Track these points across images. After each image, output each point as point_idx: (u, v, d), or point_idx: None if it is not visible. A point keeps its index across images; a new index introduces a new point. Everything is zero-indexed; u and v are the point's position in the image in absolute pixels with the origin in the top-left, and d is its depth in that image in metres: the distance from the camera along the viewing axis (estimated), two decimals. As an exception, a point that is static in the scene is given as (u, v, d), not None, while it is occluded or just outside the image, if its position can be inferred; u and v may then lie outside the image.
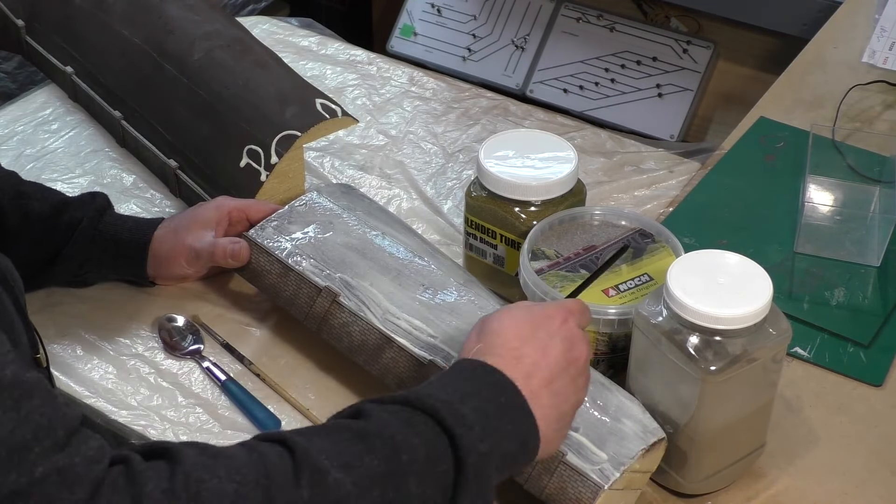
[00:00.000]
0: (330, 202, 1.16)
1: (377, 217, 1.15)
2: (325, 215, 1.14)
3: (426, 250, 1.11)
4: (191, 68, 1.33)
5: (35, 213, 1.14)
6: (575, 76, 2.11)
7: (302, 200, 1.16)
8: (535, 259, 1.07)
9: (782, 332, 0.93)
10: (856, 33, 1.57)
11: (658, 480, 1.00)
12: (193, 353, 1.13)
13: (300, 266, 1.09)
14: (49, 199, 1.15)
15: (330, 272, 1.08)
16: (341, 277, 1.07)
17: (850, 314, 1.15)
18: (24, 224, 1.13)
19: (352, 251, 1.10)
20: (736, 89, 2.00)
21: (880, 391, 1.09)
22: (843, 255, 1.21)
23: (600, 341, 1.03)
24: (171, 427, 1.06)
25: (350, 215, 1.14)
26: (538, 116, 1.47)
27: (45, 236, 1.14)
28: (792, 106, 1.45)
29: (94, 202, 1.16)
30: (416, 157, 1.41)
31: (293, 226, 1.13)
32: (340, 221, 1.13)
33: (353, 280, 1.07)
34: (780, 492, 1.00)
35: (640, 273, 1.06)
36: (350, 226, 1.12)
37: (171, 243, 1.15)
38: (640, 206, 1.31)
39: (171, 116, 1.33)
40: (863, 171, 1.29)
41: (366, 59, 1.60)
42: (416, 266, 1.08)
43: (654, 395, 0.96)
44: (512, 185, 1.12)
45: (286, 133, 1.25)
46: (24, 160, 1.39)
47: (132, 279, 1.19)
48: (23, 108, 1.48)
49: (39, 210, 1.14)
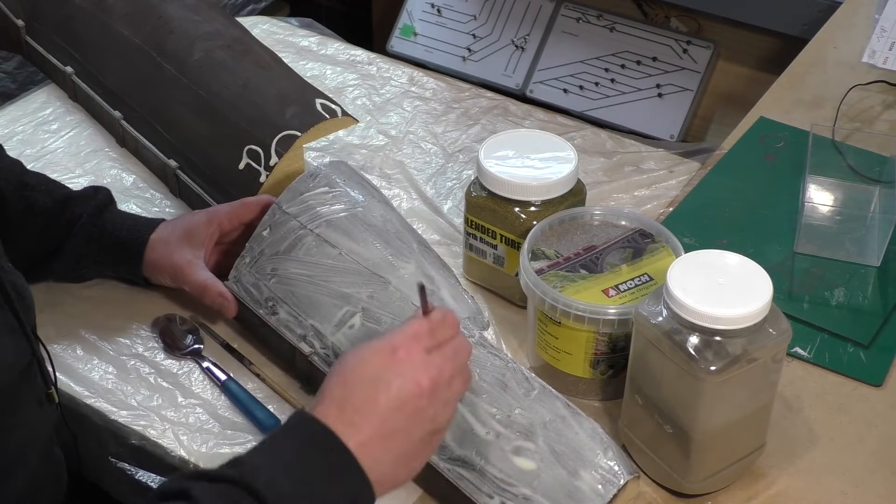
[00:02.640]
0: (290, 216, 1.11)
1: (337, 227, 1.09)
2: (287, 236, 1.10)
3: (385, 261, 1.06)
4: (191, 68, 1.33)
5: (39, 206, 1.14)
6: (575, 76, 2.11)
7: (264, 224, 1.11)
8: (535, 259, 1.07)
9: (782, 332, 0.93)
10: (856, 33, 1.57)
11: (658, 480, 1.00)
12: (193, 353, 1.13)
13: (276, 317, 1.07)
14: (53, 193, 1.16)
15: (302, 319, 1.06)
16: (313, 325, 1.05)
17: (850, 314, 1.15)
18: (28, 216, 1.13)
19: (315, 286, 1.06)
20: (736, 89, 2.00)
21: (880, 391, 1.09)
22: (843, 255, 1.21)
23: (600, 341, 1.03)
24: (171, 427, 1.06)
25: (308, 233, 1.09)
26: (538, 116, 1.47)
27: (48, 230, 1.14)
28: (792, 106, 1.45)
29: (97, 198, 1.17)
30: (416, 157, 1.41)
31: (264, 259, 1.10)
32: (301, 244, 1.08)
33: (321, 327, 1.04)
34: (780, 492, 1.00)
35: (640, 273, 1.06)
36: (309, 247, 1.08)
37: (159, 253, 1.15)
38: (640, 206, 1.31)
39: (171, 116, 1.33)
40: (863, 171, 1.29)
41: (366, 59, 1.60)
42: (378, 296, 1.03)
43: (654, 395, 0.96)
44: (512, 185, 1.12)
45: (286, 133, 1.25)
46: (24, 160, 1.38)
47: (128, 277, 1.19)
48: (23, 108, 1.48)
49: (43, 203, 1.14)
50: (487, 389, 0.96)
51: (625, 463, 0.93)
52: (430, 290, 1.01)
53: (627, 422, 1.01)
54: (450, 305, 1.02)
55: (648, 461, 0.99)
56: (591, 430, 0.94)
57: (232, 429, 1.06)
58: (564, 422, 0.94)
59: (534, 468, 0.92)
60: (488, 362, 0.98)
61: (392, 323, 1.01)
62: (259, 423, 1.06)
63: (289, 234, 1.09)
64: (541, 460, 0.93)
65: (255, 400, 1.08)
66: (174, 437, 1.05)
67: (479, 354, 0.99)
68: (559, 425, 0.94)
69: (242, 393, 1.08)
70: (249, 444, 1.04)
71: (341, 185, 1.13)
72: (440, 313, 0.86)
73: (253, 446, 0.81)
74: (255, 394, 1.09)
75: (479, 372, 0.97)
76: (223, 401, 1.09)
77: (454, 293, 1.04)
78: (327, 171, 1.14)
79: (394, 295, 1.03)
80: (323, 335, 1.05)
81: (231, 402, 1.08)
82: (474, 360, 0.97)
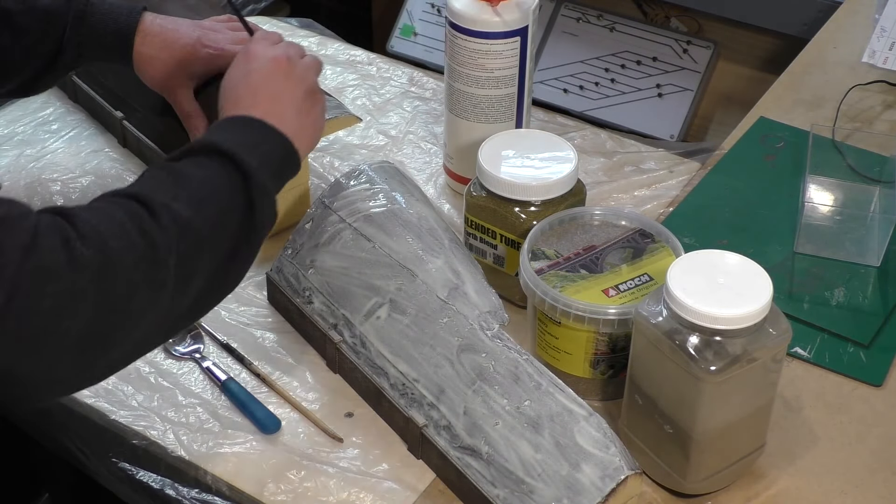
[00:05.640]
0: (331, 210, 1.15)
1: (373, 222, 1.12)
2: (327, 229, 1.14)
3: (414, 255, 1.09)
4: (191, 68, 1.33)
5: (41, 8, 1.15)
6: (575, 76, 2.11)
7: (307, 217, 1.16)
8: (535, 259, 1.07)
9: (782, 332, 0.93)
10: (856, 33, 1.57)
11: (658, 480, 1.00)
12: (193, 353, 1.13)
13: (311, 306, 1.12)
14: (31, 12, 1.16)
15: (335, 308, 1.10)
16: (344, 315, 1.09)
17: (850, 314, 1.15)
18: (28, 18, 1.15)
19: (349, 277, 1.10)
20: (736, 89, 1.99)
21: (880, 391, 1.09)
22: (843, 255, 1.21)
23: (600, 341, 1.03)
24: (171, 427, 1.06)
25: (346, 226, 1.13)
26: (538, 116, 1.47)
27: (46, 33, 1.15)
28: (792, 106, 1.45)
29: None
30: (416, 157, 1.41)
31: (304, 251, 1.14)
32: (339, 238, 1.13)
33: (351, 317, 1.09)
34: (780, 492, 1.00)
35: (640, 273, 1.06)
36: (346, 241, 1.12)
37: (151, 64, 1.18)
38: (640, 206, 1.31)
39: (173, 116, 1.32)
40: (863, 171, 1.29)
41: (366, 59, 1.60)
42: (405, 288, 1.07)
43: (654, 394, 0.96)
44: (512, 185, 1.12)
45: (286, 133, 1.25)
46: (24, 160, 1.39)
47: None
48: (23, 108, 1.48)
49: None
50: (500, 381, 0.99)
51: (627, 458, 0.94)
52: (455, 283, 1.05)
53: (627, 422, 1.01)
54: (473, 299, 1.04)
55: (648, 461, 0.99)
56: (596, 425, 0.95)
57: (232, 429, 1.06)
58: (571, 415, 0.96)
59: (538, 459, 0.94)
60: (503, 355, 1.00)
61: (416, 315, 1.05)
62: (259, 422, 1.06)
63: (328, 228, 1.13)
64: (545, 452, 0.94)
65: (255, 400, 1.08)
66: (174, 438, 1.05)
67: (495, 347, 1.01)
68: (566, 419, 0.95)
69: (242, 393, 1.08)
70: (249, 444, 1.05)
71: (382, 183, 1.16)
72: (262, 30, 1.15)
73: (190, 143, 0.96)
74: (255, 394, 1.09)
75: (493, 364, 1.00)
76: (223, 401, 1.09)
77: (478, 288, 1.06)
78: (369, 170, 1.17)
79: (420, 287, 1.06)
80: (352, 324, 1.08)
81: (231, 402, 1.08)
82: (490, 353, 1.00)
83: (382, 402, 1.05)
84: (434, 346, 1.03)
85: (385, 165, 1.20)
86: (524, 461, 0.95)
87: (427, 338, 1.03)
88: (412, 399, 1.02)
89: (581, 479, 0.92)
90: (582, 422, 0.95)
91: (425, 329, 1.04)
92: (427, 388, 1.02)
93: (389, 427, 1.06)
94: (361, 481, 1.02)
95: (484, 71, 1.24)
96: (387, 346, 1.05)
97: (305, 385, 1.10)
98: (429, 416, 1.01)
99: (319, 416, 1.07)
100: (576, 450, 0.94)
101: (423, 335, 1.04)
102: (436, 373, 1.01)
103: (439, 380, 1.01)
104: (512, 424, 0.96)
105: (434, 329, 1.03)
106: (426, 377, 1.02)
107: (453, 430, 0.99)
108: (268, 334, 1.16)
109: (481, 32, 1.22)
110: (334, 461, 1.03)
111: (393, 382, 1.04)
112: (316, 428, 1.06)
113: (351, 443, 1.05)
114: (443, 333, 1.03)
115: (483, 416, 0.98)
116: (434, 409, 1.00)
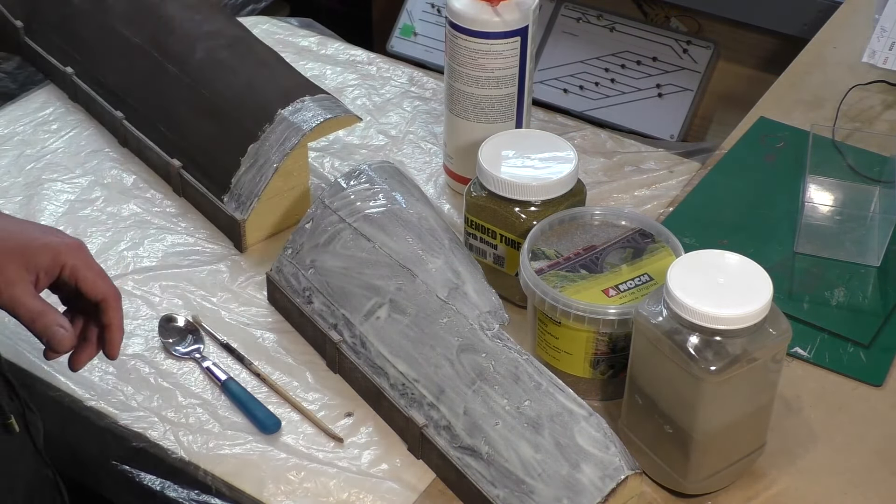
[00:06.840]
0: (331, 210, 1.15)
1: (373, 222, 1.12)
2: (327, 229, 1.14)
3: (414, 255, 1.09)
4: (192, 68, 1.33)
5: None
6: (575, 76, 2.11)
7: (307, 217, 1.16)
8: (535, 259, 1.07)
9: (782, 332, 0.93)
10: (856, 33, 1.57)
11: (658, 480, 1.00)
12: (193, 354, 1.13)
13: (311, 306, 1.12)
14: None
15: (335, 308, 1.10)
16: (344, 315, 1.09)
17: (850, 314, 1.15)
18: None
19: (349, 277, 1.10)
20: (736, 89, 1.99)
21: (880, 391, 1.09)
22: (843, 255, 1.21)
23: (600, 341, 1.03)
24: (171, 427, 1.06)
25: (346, 226, 1.13)
26: (538, 116, 1.47)
27: None
28: (792, 106, 1.45)
29: None
30: (416, 157, 1.41)
31: (304, 252, 1.14)
32: (339, 238, 1.13)
33: (351, 317, 1.08)
34: (780, 492, 1.00)
35: (640, 273, 1.06)
36: (346, 241, 1.12)
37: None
38: (640, 206, 1.31)
39: (174, 116, 1.33)
40: (863, 171, 1.29)
41: (366, 59, 1.60)
42: (405, 288, 1.07)
43: (654, 394, 0.96)
44: (512, 185, 1.12)
45: (287, 133, 1.25)
46: (24, 160, 1.39)
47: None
48: (23, 108, 1.48)
49: None
50: (500, 381, 0.99)
51: (627, 458, 0.94)
52: (455, 283, 1.05)
53: (627, 422, 1.01)
54: (473, 299, 1.04)
55: (648, 461, 0.99)
56: (596, 425, 0.95)
57: (232, 429, 1.06)
58: (571, 415, 0.96)
59: (538, 459, 0.94)
60: (503, 355, 1.00)
61: (416, 315, 1.05)
62: (259, 422, 1.06)
63: (328, 228, 1.14)
64: (545, 452, 0.94)
65: (255, 400, 1.08)
66: (174, 438, 1.05)
67: (495, 347, 1.01)
68: (566, 419, 0.95)
69: (242, 393, 1.09)
70: (249, 445, 1.05)
71: (382, 183, 1.16)
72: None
73: None
74: (255, 394, 1.09)
75: (493, 364, 1.00)
76: (223, 401, 1.09)
77: (478, 288, 1.06)
78: (369, 170, 1.17)
79: (420, 287, 1.06)
80: (352, 325, 1.08)
81: (231, 402, 1.08)
82: (490, 353, 1.00)
83: (382, 402, 1.05)
84: (434, 346, 1.03)
85: (385, 165, 1.20)
86: (524, 461, 0.95)
87: (427, 338, 1.04)
88: (412, 399, 1.02)
89: (581, 479, 0.92)
90: (582, 422, 0.95)
91: (425, 329, 1.04)
92: (427, 388, 1.02)
93: (389, 427, 1.06)
94: (361, 481, 1.02)
95: (484, 71, 1.24)
96: (387, 346, 1.05)
97: (305, 385, 1.10)
98: (429, 416, 1.01)
99: (319, 416, 1.07)
100: (576, 450, 0.94)
101: (423, 335, 1.04)
102: (436, 373, 1.02)
103: (439, 380, 1.01)
104: (512, 424, 0.96)
105: (434, 329, 1.03)
106: (426, 377, 1.02)
107: (453, 430, 0.99)
108: (268, 334, 1.16)
109: (481, 32, 1.22)
110: (334, 461, 1.03)
111: (393, 382, 1.04)
112: (316, 428, 1.06)
113: (351, 443, 1.05)
114: (443, 333, 1.03)
115: (483, 416, 0.98)
116: (434, 409, 1.01)
